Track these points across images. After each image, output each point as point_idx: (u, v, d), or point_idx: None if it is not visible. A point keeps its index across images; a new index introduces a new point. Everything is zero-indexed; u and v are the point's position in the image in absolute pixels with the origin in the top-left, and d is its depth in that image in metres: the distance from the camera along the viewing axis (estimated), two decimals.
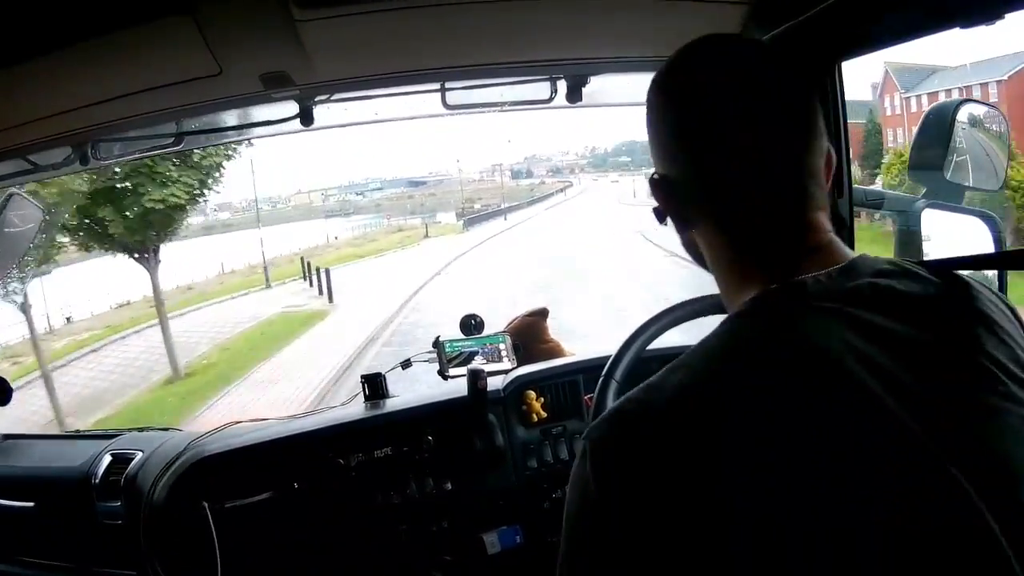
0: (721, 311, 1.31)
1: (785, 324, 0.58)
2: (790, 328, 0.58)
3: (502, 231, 33.52)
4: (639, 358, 1.23)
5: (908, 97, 24.14)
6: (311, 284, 19.09)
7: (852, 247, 1.53)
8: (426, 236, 36.32)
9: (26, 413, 8.87)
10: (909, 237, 1.47)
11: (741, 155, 0.64)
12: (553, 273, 16.46)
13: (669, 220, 0.73)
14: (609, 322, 10.41)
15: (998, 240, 1.33)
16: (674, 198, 0.70)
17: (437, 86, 1.50)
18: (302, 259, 22.54)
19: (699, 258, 0.74)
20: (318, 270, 18.49)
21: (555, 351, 1.76)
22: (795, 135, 0.66)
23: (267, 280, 20.98)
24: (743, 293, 0.65)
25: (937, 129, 1.36)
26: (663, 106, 0.69)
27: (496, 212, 45.50)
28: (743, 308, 0.63)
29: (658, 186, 0.70)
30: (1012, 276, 1.18)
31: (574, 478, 0.59)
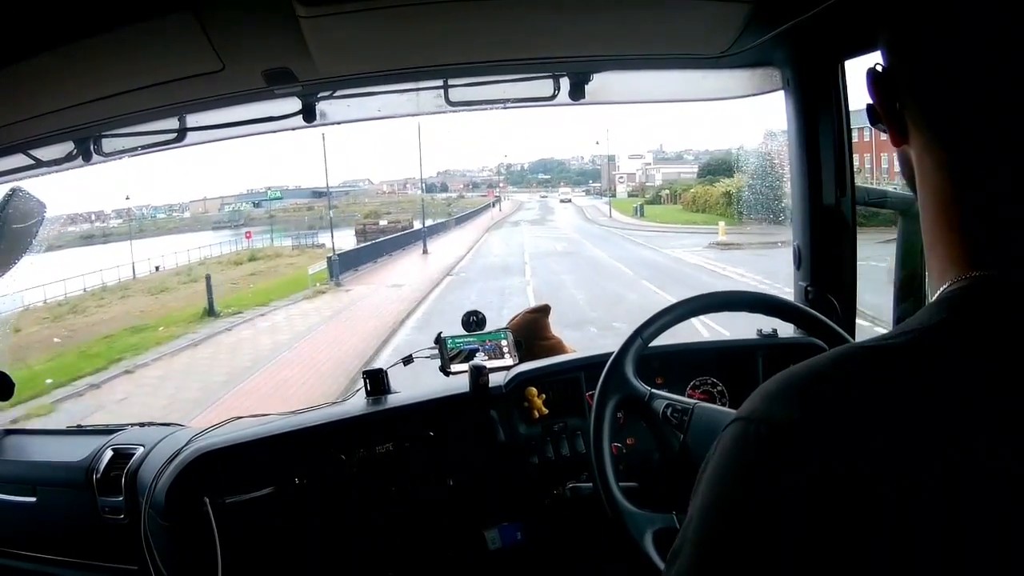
0: (768, 312, 1.33)
1: None
2: None
3: (424, 296, 14.65)
4: (643, 353, 1.23)
5: None
6: None
7: (855, 248, 1.55)
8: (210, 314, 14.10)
9: None
10: (912, 237, 1.47)
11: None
12: None
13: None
14: None
15: None
16: (892, 95, 0.52)
17: (440, 83, 1.50)
18: None
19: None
20: None
21: (556, 348, 1.76)
22: None
23: None
24: (955, 258, 0.50)
25: None
26: None
27: (404, 237, 26.30)
28: (970, 295, 0.47)
29: (876, 80, 0.53)
30: None
31: (724, 472, 0.47)
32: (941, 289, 0.49)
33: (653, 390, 1.20)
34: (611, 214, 34.45)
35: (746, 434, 0.46)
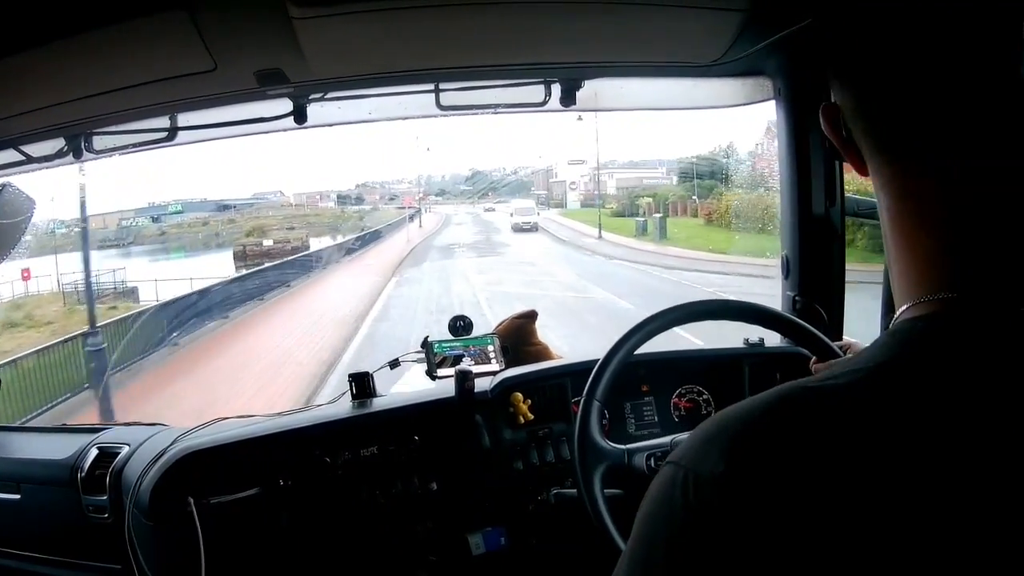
0: (700, 318, 1.33)
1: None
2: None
3: None
4: (624, 365, 1.23)
5: None
6: None
7: (843, 258, 1.55)
8: None
9: None
10: None
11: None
12: None
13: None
14: None
15: None
16: (841, 125, 0.53)
17: (431, 87, 1.51)
18: None
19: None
20: None
21: (543, 354, 1.76)
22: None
23: None
24: (913, 279, 0.49)
25: None
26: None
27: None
28: (923, 325, 0.46)
29: (824, 112, 0.54)
30: None
31: (652, 516, 0.47)
32: (899, 312, 0.49)
33: (628, 447, 1.22)
34: (600, 235, 24.36)
35: (674, 481, 0.45)
